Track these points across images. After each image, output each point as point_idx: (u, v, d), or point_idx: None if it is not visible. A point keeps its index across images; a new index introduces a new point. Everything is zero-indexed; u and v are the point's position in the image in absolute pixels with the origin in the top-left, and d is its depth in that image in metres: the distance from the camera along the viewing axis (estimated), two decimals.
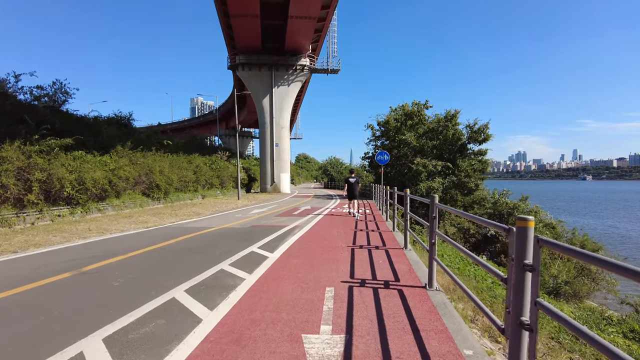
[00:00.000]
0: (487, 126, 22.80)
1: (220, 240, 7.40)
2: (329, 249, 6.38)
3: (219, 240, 7.48)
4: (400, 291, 4.07)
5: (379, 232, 8.42)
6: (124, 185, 15.30)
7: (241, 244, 6.99)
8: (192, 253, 6.09)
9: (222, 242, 7.17)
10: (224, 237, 7.81)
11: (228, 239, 7.55)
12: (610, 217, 51.44)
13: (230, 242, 7.24)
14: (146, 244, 7.00)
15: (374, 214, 13.37)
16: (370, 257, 5.77)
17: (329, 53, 35.67)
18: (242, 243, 7.05)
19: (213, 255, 5.94)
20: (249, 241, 7.26)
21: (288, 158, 34.95)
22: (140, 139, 20.11)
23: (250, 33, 29.55)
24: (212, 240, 7.37)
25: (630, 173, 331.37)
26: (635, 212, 58.09)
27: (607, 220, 47.93)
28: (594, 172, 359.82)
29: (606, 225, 42.63)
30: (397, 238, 7.64)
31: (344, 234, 8.16)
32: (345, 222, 10.61)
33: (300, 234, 8.17)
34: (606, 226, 41.04)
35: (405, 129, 23.32)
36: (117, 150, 16.35)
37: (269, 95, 32.27)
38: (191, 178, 22.32)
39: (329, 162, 65.04)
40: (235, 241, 7.31)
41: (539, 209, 24.24)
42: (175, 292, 4.05)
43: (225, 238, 7.72)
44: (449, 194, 22.30)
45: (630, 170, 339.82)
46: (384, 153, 17.11)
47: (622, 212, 58.05)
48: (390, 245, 6.74)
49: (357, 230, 8.86)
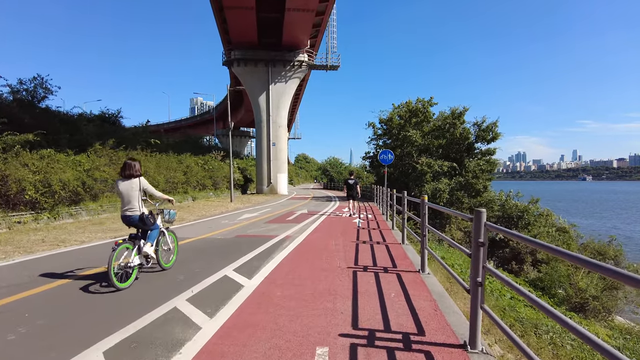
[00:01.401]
0: (495, 124, 21.44)
1: (190, 258, 6.00)
2: (325, 273, 4.98)
3: (189, 257, 6.08)
4: (428, 354, 2.68)
5: (386, 245, 7.02)
6: (101, 188, 13.91)
7: (215, 263, 5.59)
8: (143, 281, 4.68)
9: (191, 261, 5.77)
10: (197, 253, 6.41)
11: (201, 256, 6.15)
12: (611, 218, 50.37)
13: (202, 260, 5.84)
14: (94, 263, 5.59)
15: (377, 219, 11.98)
16: (378, 286, 4.37)
17: (328, 49, 34.31)
18: (216, 262, 5.66)
19: (171, 284, 4.54)
20: (225, 259, 5.86)
21: (285, 158, 33.55)
22: (124, 137, 18.70)
23: (245, 27, 28.16)
24: (179, 259, 5.98)
25: (630, 173, 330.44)
26: (636, 213, 57.08)
27: (609, 221, 46.80)
28: (594, 173, 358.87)
29: (608, 226, 41.46)
30: (408, 253, 6.24)
31: (344, 248, 6.76)
32: (346, 229, 9.22)
33: (291, 248, 6.77)
34: (608, 227, 39.85)
35: (409, 126, 21.92)
36: (96, 149, 14.95)
37: (265, 92, 30.87)
38: (180, 179, 20.92)
39: (329, 163, 63.64)
40: (208, 259, 5.91)
41: (550, 212, 22.88)
42: (87, 355, 2.66)
43: (198, 254, 6.32)
44: (455, 195, 20.92)
45: (630, 170, 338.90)
46: (387, 152, 15.72)
47: (625, 213, 56.98)
48: (403, 266, 5.34)
49: (360, 242, 7.47)
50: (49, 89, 17.74)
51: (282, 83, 31.08)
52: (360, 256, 6.04)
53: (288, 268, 5.25)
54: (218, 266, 5.39)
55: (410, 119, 22.22)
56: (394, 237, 8.11)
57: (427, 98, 23.17)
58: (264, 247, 6.92)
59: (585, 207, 66.09)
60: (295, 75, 31.43)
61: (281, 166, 31.70)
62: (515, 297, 7.02)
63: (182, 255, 6.21)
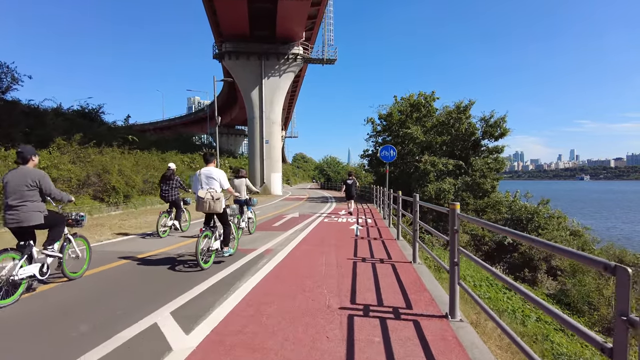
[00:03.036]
0: (504, 119, 19.86)
1: (123, 287, 4.33)
2: (305, 320, 3.33)
3: (123, 285, 4.41)
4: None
5: (392, 266, 5.36)
6: (63, 188, 12.18)
7: (152, 297, 3.91)
8: (21, 333, 3.01)
9: (121, 292, 4.10)
10: (138, 278, 4.74)
11: (139, 284, 4.47)
12: (610, 218, 49.30)
13: (138, 291, 4.17)
14: None
15: (377, 225, 10.33)
16: (388, 347, 2.72)
17: (325, 41, 32.64)
18: (155, 295, 3.98)
19: (57, 343, 2.86)
20: (171, 289, 4.19)
21: (280, 156, 31.85)
22: (99, 133, 16.99)
23: (236, 18, 26.45)
24: (106, 288, 4.30)
25: (627, 173, 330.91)
26: (635, 212, 56.08)
27: (608, 221, 45.67)
28: (592, 173, 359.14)
29: (607, 225, 40.29)
30: (423, 280, 4.59)
31: (337, 269, 5.11)
32: (341, 240, 7.57)
33: (266, 271, 5.09)
34: (607, 227, 38.65)
35: (410, 122, 20.27)
36: (59, 145, 13.24)
37: (258, 87, 29.17)
38: None
39: (326, 162, 61.85)
40: (147, 289, 4.24)
41: (561, 214, 21.31)
42: None
43: (138, 280, 4.65)
44: (460, 196, 19.32)
45: (628, 170, 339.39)
46: (389, 147, 14.07)
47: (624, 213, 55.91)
48: (421, 305, 3.69)
49: (358, 259, 5.81)
50: (16, 79, 16.00)
51: (276, 77, 29.39)
52: (359, 284, 4.38)
53: (252, 310, 3.57)
54: (154, 303, 3.72)
55: (411, 114, 20.58)
56: (401, 252, 6.46)
57: (429, 92, 21.56)
58: (231, 268, 5.24)
59: (584, 206, 65.13)
60: (289, 69, 29.74)
61: (275, 165, 30.00)
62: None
63: (116, 281, 4.53)
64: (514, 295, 9.65)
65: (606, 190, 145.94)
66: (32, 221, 3.92)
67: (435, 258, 4.10)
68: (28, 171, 3.94)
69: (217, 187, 5.32)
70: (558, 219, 20.41)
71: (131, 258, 5.93)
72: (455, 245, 3.24)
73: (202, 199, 5.20)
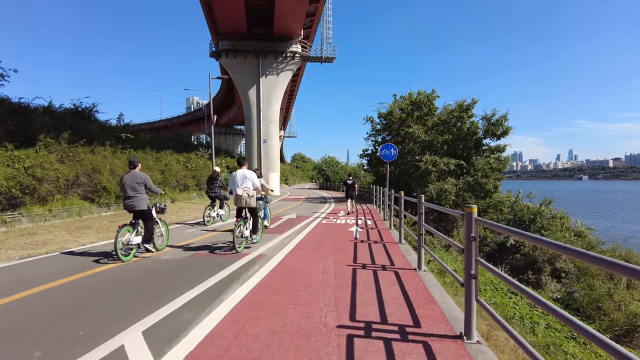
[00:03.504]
0: (505, 117, 19.38)
1: (92, 300, 3.85)
2: (298, 342, 2.86)
3: (92, 298, 3.93)
4: None
5: (396, 274, 4.89)
6: (50, 188, 11.69)
7: (123, 313, 3.44)
8: None
9: (92, 304, 3.63)
10: (113, 289, 4.25)
11: (113, 296, 3.98)
12: (609, 218, 49.04)
13: (110, 306, 3.69)
14: None
15: (378, 227, 9.87)
16: None
17: (323, 40, 32.14)
18: (127, 310, 3.51)
19: None
20: (150, 301, 3.72)
21: (277, 156, 31.36)
22: (90, 132, 16.47)
23: (233, 15, 25.95)
24: (75, 301, 3.82)
25: (626, 173, 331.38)
26: (633, 212, 55.87)
27: (607, 221, 45.39)
28: (590, 173, 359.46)
29: (606, 225, 39.99)
30: (431, 291, 4.12)
31: (335, 279, 4.63)
32: (339, 243, 7.09)
33: (257, 280, 4.62)
34: (606, 227, 38.34)
35: (411, 120, 19.80)
36: (47, 144, 12.73)
37: (255, 85, 28.69)
38: (157, 178, 18.68)
39: (324, 162, 61.26)
40: (120, 303, 3.76)
41: (564, 215, 20.89)
42: None
43: (113, 291, 4.16)
44: (461, 196, 18.87)
45: (626, 170, 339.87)
46: (390, 146, 13.59)
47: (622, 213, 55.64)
48: (430, 323, 3.22)
49: (358, 265, 5.34)
50: (1, 75, 15.47)
51: (274, 75, 28.91)
52: (360, 297, 3.91)
53: (237, 329, 3.09)
54: (127, 319, 3.24)
55: (412, 112, 20.10)
56: (405, 257, 5.98)
57: (429, 91, 21.10)
58: (218, 276, 4.77)
59: (582, 206, 64.91)
60: (287, 68, 29.26)
61: (273, 165, 29.52)
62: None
63: (88, 292, 4.05)
64: (520, 299, 9.21)
65: (605, 190, 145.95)
66: (141, 207, 5.80)
67: (447, 269, 3.55)
68: (136, 173, 5.83)
69: (251, 186, 6.40)
70: (561, 220, 19.99)
71: (110, 264, 5.45)
72: (473, 255, 2.77)
73: (239, 196, 6.28)
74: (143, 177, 5.83)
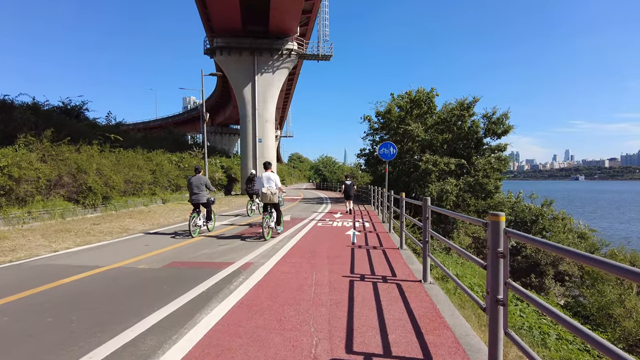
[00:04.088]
0: (506, 116, 18.90)
1: (34, 326, 3.24)
2: None
3: (37, 321, 3.32)
4: None
5: (398, 287, 4.31)
6: (29, 189, 11.03)
7: (72, 343, 2.83)
8: None
9: (33, 333, 3.02)
10: (71, 305, 3.63)
11: (66, 316, 3.36)
12: (607, 218, 48.88)
13: (62, 328, 3.08)
14: None
15: (376, 230, 9.29)
16: None
17: (320, 37, 31.60)
18: (76, 339, 2.90)
19: None
20: (103, 328, 3.11)
21: (274, 156, 30.76)
22: (77, 130, 15.79)
23: (228, 11, 25.30)
24: (17, 327, 3.22)
25: (622, 173, 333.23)
26: (630, 212, 55.81)
27: (605, 221, 45.21)
28: (587, 173, 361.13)
29: (603, 225, 39.75)
30: (440, 310, 3.55)
31: (330, 293, 4.05)
32: (335, 250, 6.50)
33: (239, 296, 4.00)
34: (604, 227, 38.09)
35: (410, 119, 19.25)
36: (28, 142, 12.07)
37: (250, 83, 28.05)
38: (147, 179, 18.04)
39: (321, 161, 60.60)
40: (73, 324, 3.14)
41: (566, 216, 20.43)
42: None
43: (70, 308, 3.54)
44: (461, 197, 18.36)
45: (622, 170, 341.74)
46: (389, 144, 13.04)
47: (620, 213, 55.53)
48: (444, 355, 2.64)
49: (356, 277, 4.76)
50: None
51: (270, 73, 28.29)
52: (358, 318, 3.32)
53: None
54: (74, 351, 2.64)
55: (411, 111, 19.55)
56: (407, 266, 5.40)
57: (429, 89, 20.55)
58: (197, 290, 4.16)
59: (580, 206, 64.83)
60: (283, 65, 28.65)
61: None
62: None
63: (30, 315, 3.43)
64: (527, 307, 8.67)
65: (601, 190, 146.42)
66: (203, 200, 8.36)
67: (467, 291, 2.89)
68: (200, 177, 8.41)
69: (274, 185, 7.77)
70: (563, 221, 19.53)
71: (86, 272, 4.84)
72: (501, 275, 2.20)
73: (265, 193, 7.67)
74: (204, 179, 8.42)
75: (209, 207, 8.76)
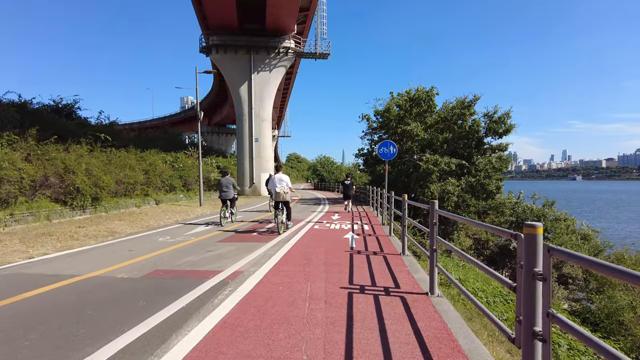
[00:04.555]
0: (508, 115, 18.50)
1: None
2: None
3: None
4: None
5: (403, 301, 3.86)
6: (11, 190, 10.51)
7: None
8: None
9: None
10: (26, 326, 3.16)
11: (16, 343, 2.90)
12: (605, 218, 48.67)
13: (9, 358, 2.62)
14: None
15: (376, 233, 8.84)
16: None
17: (318, 35, 31.13)
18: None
19: None
20: (60, 354, 2.64)
21: (271, 156, 30.27)
22: (66, 129, 15.28)
23: (223, 8, 24.80)
24: None
25: (619, 173, 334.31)
26: (627, 212, 55.69)
27: (603, 221, 44.95)
28: (584, 173, 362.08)
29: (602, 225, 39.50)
30: (452, 329, 3.10)
31: (326, 309, 3.59)
32: (333, 255, 6.04)
33: (222, 313, 3.53)
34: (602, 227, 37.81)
35: (409, 118, 18.82)
36: (12, 140, 11.55)
37: (247, 82, 27.56)
38: (140, 179, 17.52)
39: (319, 161, 60.07)
40: (24, 355, 2.67)
41: (568, 217, 20.04)
42: None
43: (26, 329, 3.07)
44: (462, 197, 17.95)
45: (619, 170, 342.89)
46: (388, 143, 12.58)
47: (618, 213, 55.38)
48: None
49: (355, 289, 4.29)
50: None
51: (266, 72, 27.80)
52: (358, 341, 2.86)
53: None
54: None
55: (411, 109, 19.12)
56: (411, 276, 4.95)
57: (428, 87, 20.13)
58: (176, 306, 3.69)
59: (578, 206, 64.66)
60: (280, 64, 28.17)
61: (265, 164, 28.41)
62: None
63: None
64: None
65: (599, 190, 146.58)
66: (231, 196, 10.31)
67: (497, 322, 2.44)
68: (229, 178, 10.44)
69: (286, 185, 8.55)
70: (565, 222, 19.13)
71: (42, 286, 4.35)
72: (539, 303, 1.75)
73: (279, 192, 8.45)
74: (232, 180, 10.43)
75: (234, 202, 10.67)
